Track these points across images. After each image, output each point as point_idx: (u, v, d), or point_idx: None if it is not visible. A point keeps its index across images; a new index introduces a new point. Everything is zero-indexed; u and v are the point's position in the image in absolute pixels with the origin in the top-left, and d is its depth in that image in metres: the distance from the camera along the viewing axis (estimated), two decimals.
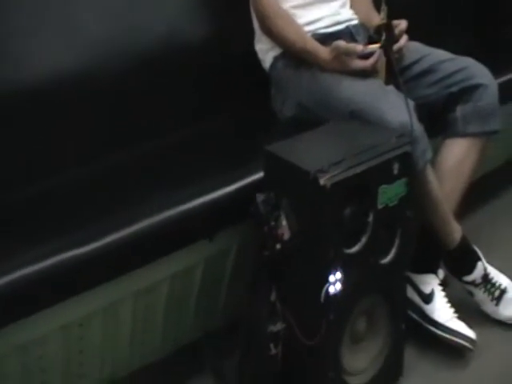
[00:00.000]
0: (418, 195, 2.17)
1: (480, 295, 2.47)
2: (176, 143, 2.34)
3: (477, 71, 2.44)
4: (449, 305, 2.37)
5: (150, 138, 2.33)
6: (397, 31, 2.31)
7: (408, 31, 2.36)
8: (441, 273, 2.47)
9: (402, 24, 2.33)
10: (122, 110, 2.36)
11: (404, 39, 2.34)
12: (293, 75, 2.45)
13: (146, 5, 2.45)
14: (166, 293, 2.11)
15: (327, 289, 1.93)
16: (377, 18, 2.47)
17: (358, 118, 2.20)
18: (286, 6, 2.45)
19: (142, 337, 2.14)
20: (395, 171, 1.99)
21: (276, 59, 2.51)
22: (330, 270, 1.93)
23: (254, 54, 2.58)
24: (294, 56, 2.44)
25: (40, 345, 1.88)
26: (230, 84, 2.56)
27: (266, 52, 2.54)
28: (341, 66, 2.30)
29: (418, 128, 2.15)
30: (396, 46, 2.30)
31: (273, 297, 2.04)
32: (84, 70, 2.30)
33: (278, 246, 1.96)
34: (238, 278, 2.25)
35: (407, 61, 2.42)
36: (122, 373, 2.16)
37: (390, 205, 2.01)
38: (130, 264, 1.94)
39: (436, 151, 2.36)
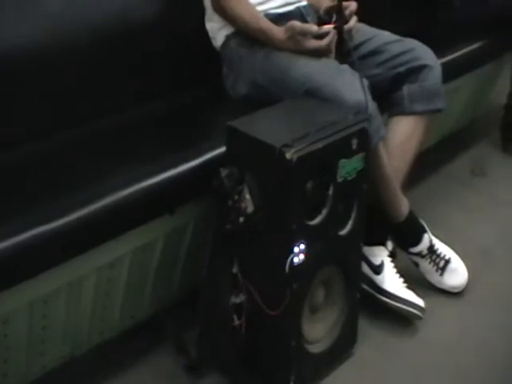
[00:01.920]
0: (370, 171, 2.23)
1: (425, 266, 2.58)
2: (131, 120, 2.37)
3: (422, 53, 2.54)
4: (398, 275, 2.46)
5: (105, 114, 2.35)
6: (347, 12, 2.36)
7: (357, 12, 2.42)
8: (389, 244, 2.54)
9: (352, 5, 2.38)
10: (75, 86, 2.36)
11: (354, 20, 2.39)
12: (246, 54, 2.47)
13: None
14: (127, 267, 2.15)
15: (292, 259, 1.98)
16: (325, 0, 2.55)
17: (313, 96, 2.24)
18: None
19: (103, 312, 2.17)
20: (354, 146, 2.05)
21: (228, 38, 2.53)
22: (294, 242, 1.98)
23: (204, 31, 2.60)
24: (247, 35, 2.46)
25: (5, 323, 1.90)
26: (181, 61, 2.60)
27: (217, 30, 2.56)
28: (295, 46, 2.33)
29: (372, 106, 2.23)
30: (346, 27, 2.35)
31: (235, 269, 2.08)
32: (38, 44, 2.29)
33: (242, 220, 2.00)
34: (195, 251, 2.30)
35: (355, 42, 2.46)
36: (83, 348, 2.19)
37: (349, 179, 2.07)
38: (93, 240, 1.96)
39: None
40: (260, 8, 2.49)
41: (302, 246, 2.00)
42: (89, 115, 2.33)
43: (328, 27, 2.31)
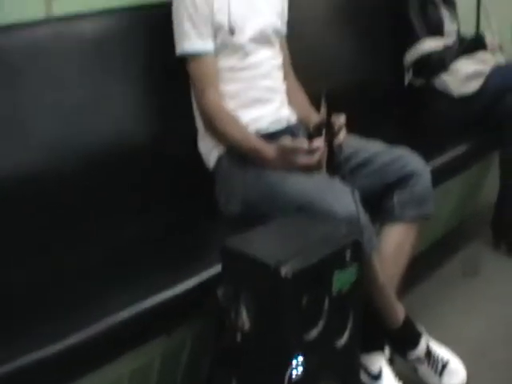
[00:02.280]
0: (364, 280, 2.25)
1: (424, 370, 2.58)
2: (126, 241, 2.40)
3: (411, 160, 2.59)
4: (397, 380, 2.47)
5: (99, 236, 2.38)
6: (336, 126, 2.42)
7: (346, 125, 2.48)
8: (387, 350, 2.55)
9: (340, 119, 2.44)
10: (70, 209, 2.40)
11: (343, 134, 2.45)
12: (238, 173, 2.52)
13: (93, 108, 2.52)
14: None
15: (290, 374, 1.99)
16: (313, 114, 2.61)
17: (306, 211, 2.27)
18: (230, 105, 2.54)
19: None
20: (347, 258, 2.08)
21: (220, 157, 2.58)
22: (291, 356, 1.99)
23: (197, 152, 2.66)
24: (239, 154, 2.52)
25: None
26: (174, 182, 2.65)
27: (209, 151, 2.61)
28: (287, 164, 2.38)
29: (364, 217, 2.27)
30: (337, 142, 2.42)
31: None
32: (33, 171, 2.35)
33: (239, 337, 2.02)
34: (193, 370, 2.30)
35: (344, 154, 2.51)
36: None
37: (344, 291, 2.09)
38: (90, 364, 1.97)
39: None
40: (251, 127, 2.55)
41: (300, 360, 2.01)
42: (78, 238, 2.37)
43: (318, 143, 2.36)
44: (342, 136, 2.45)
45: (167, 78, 2.69)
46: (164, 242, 2.41)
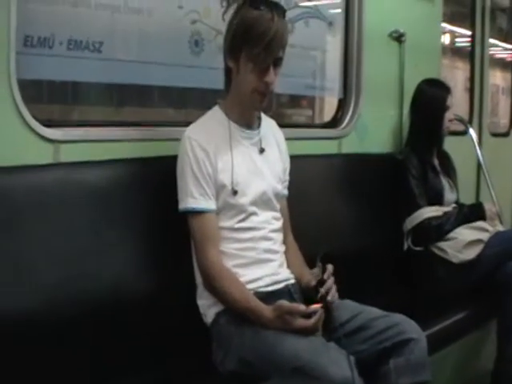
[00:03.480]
0: None
1: None
2: None
3: (407, 327, 2.59)
4: None
5: None
6: (325, 276, 2.49)
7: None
8: None
9: (328, 268, 2.52)
10: (66, 356, 2.39)
11: (331, 280, 2.51)
12: (235, 331, 2.53)
13: (94, 254, 2.53)
14: None
15: None
16: (308, 275, 2.67)
17: (301, 373, 2.27)
18: (229, 264, 2.58)
19: None
20: None
21: (218, 315, 2.60)
22: None
23: (195, 307, 2.67)
24: (237, 313, 2.54)
25: None
26: (170, 336, 2.63)
27: (208, 307, 2.63)
28: (283, 325, 2.40)
29: (359, 382, 2.26)
30: (327, 287, 2.47)
31: None
32: (31, 313, 2.34)
33: None
34: None
35: (341, 318, 2.54)
36: None
37: None
38: None
39: None
40: (249, 286, 2.58)
41: None
42: None
43: (315, 307, 2.40)
44: (331, 281, 2.51)
45: (168, 231, 2.72)
46: None
